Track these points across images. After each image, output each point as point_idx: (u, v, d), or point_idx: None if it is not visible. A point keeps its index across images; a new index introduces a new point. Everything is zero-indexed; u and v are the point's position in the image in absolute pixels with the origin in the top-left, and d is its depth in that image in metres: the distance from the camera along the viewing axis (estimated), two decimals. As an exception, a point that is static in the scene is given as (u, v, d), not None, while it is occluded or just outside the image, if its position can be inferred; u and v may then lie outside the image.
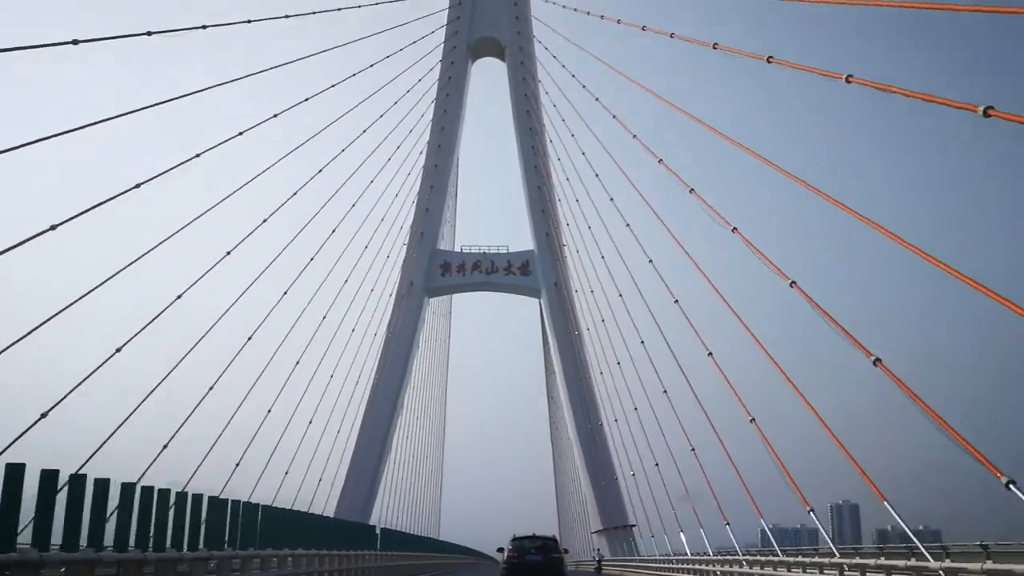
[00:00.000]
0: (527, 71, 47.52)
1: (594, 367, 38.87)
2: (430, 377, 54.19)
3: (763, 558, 18.94)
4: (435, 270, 43.76)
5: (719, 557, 22.43)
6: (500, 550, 22.59)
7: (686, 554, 25.27)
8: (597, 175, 32.79)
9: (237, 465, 23.77)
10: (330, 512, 33.10)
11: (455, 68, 48.22)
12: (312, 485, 32.09)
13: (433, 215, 44.73)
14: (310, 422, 30.43)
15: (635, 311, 30.59)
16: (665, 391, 26.42)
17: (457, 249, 47.25)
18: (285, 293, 26.81)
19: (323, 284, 30.59)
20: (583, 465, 39.04)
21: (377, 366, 40.27)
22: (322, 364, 31.42)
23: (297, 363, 28.19)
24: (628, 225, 28.00)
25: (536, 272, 43.24)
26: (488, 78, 53.05)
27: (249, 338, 24.10)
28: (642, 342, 29.61)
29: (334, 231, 31.45)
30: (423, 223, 44.19)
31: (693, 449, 23.93)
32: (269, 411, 25.48)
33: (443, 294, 47.24)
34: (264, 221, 24.61)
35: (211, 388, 21.96)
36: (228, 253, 22.84)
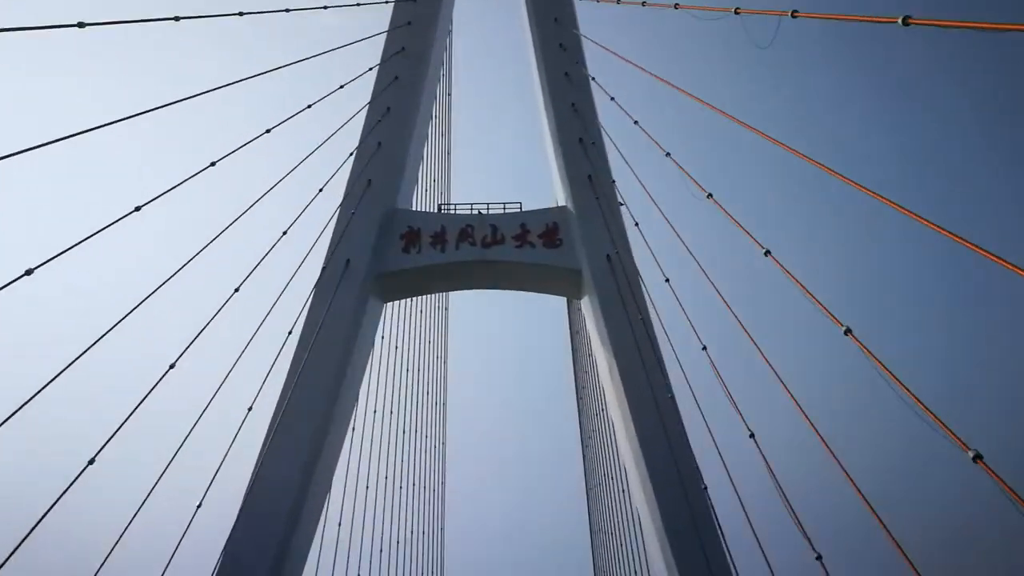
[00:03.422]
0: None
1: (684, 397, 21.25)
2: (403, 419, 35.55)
3: None
4: (391, 242, 25.99)
5: None
6: None
7: None
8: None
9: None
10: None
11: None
12: None
13: (389, 153, 27.38)
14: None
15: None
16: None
17: (432, 209, 29.81)
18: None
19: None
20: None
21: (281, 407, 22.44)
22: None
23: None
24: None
25: (572, 240, 25.64)
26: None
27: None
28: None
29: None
30: (370, 164, 26.88)
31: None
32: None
33: (405, 294, 29.11)
34: None
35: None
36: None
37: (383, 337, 31.95)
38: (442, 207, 30.76)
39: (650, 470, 19.80)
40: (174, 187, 15.25)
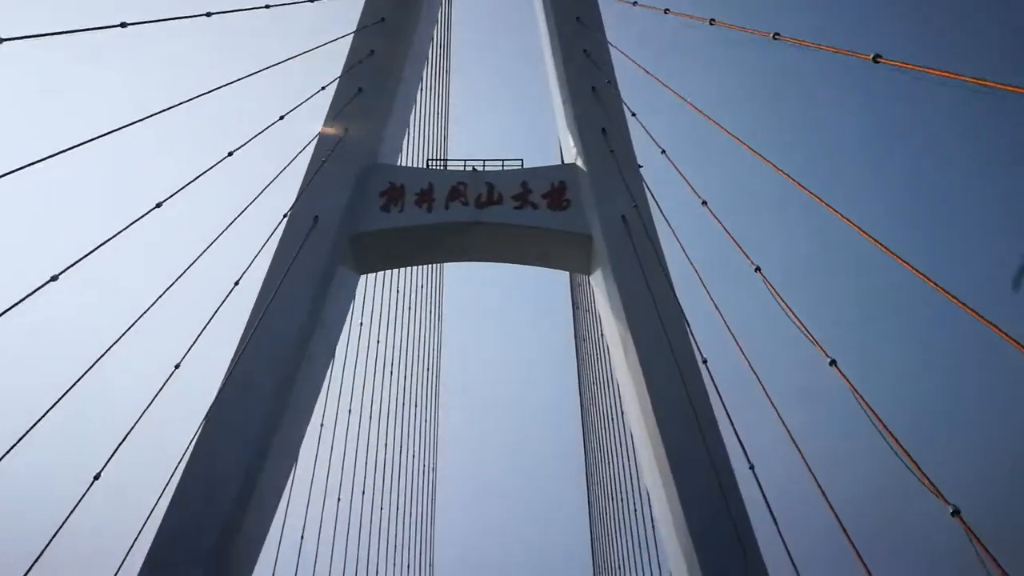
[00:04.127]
0: None
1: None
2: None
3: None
4: (369, 200, 22.44)
5: None
6: None
7: None
8: None
9: None
10: None
11: None
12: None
13: (371, 100, 23.83)
14: None
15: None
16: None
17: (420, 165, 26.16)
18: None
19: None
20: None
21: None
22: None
23: None
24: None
25: (582, 201, 22.03)
26: None
27: None
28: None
29: None
30: (347, 111, 23.38)
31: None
32: None
33: (384, 264, 25.33)
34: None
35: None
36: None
37: (362, 324, 28.45)
38: (430, 162, 27.30)
39: (671, 459, 16.03)
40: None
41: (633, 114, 20.78)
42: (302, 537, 23.18)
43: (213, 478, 16.88)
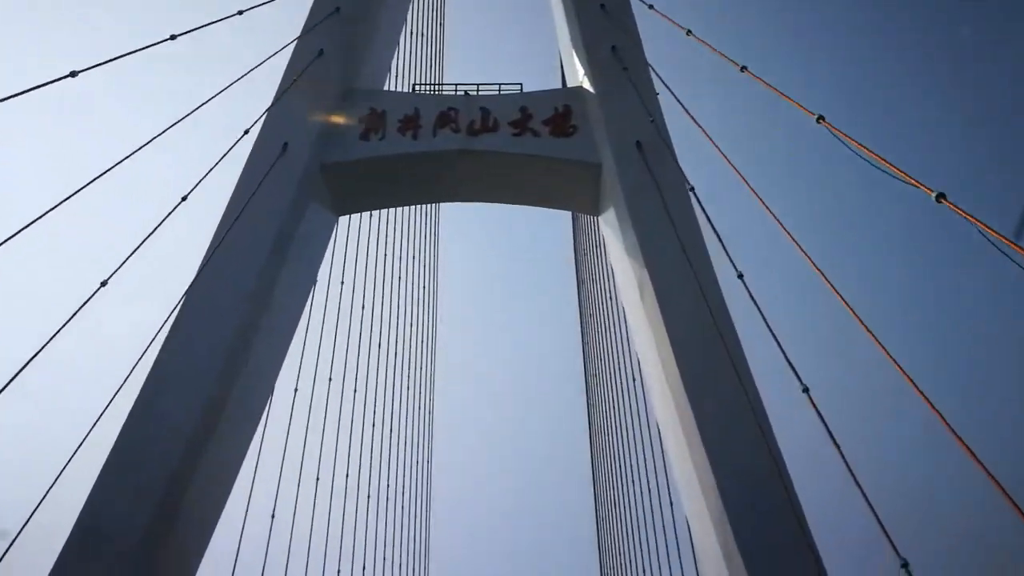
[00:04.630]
0: None
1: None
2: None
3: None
4: (347, 126, 19.60)
5: None
6: None
7: None
8: None
9: None
10: None
11: None
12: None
13: (350, 20, 20.81)
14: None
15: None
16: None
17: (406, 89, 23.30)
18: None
19: None
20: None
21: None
22: None
23: None
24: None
25: (590, 126, 19.17)
26: None
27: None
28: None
29: None
30: (322, 30, 20.56)
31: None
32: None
33: (363, 203, 22.16)
34: None
35: None
36: None
37: (343, 282, 25.69)
38: (416, 87, 24.49)
39: (700, 420, 13.30)
40: None
41: (650, 6, 17.86)
42: (272, 516, 20.61)
43: (153, 443, 14.19)
